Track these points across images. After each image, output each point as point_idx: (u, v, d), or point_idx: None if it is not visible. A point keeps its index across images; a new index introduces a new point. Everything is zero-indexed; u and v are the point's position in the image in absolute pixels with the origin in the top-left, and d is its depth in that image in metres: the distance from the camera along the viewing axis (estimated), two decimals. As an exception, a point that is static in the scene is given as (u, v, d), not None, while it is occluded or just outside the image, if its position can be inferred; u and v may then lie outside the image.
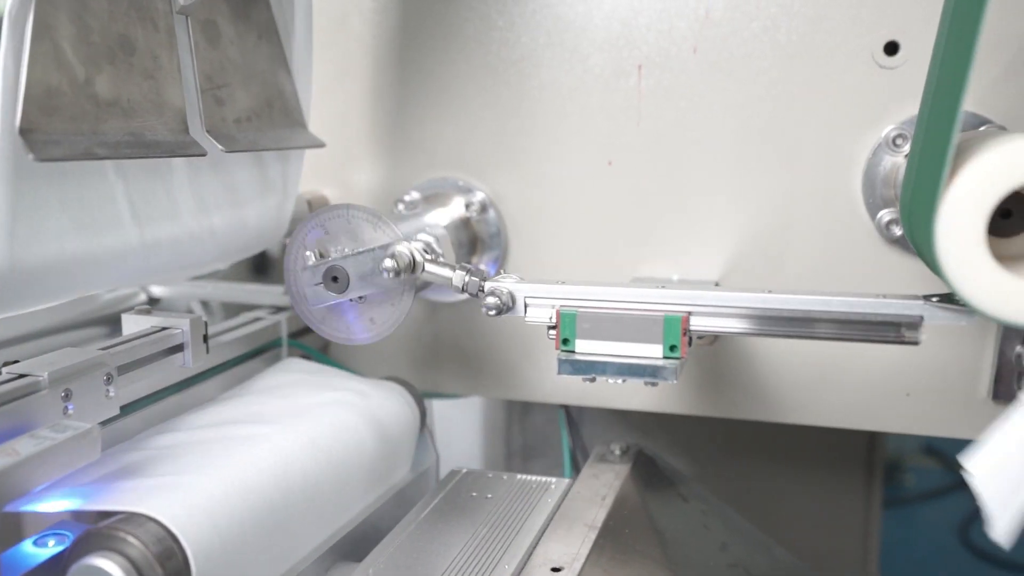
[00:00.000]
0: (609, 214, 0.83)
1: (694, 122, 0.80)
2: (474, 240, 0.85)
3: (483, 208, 0.85)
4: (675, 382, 0.56)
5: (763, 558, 0.78)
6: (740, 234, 0.80)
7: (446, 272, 0.63)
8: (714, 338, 0.81)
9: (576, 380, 0.86)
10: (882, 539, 2.33)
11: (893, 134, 0.74)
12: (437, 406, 1.14)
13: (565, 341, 0.58)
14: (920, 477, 2.53)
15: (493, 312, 0.60)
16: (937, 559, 2.21)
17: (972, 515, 2.37)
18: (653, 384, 0.57)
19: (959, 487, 2.45)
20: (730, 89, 0.78)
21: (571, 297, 0.58)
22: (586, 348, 0.58)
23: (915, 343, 0.55)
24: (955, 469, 2.49)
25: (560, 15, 0.82)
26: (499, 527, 0.68)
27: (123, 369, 0.61)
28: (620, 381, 0.57)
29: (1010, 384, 0.74)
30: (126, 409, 0.68)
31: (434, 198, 0.86)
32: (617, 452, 0.82)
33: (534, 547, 0.64)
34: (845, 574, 1.33)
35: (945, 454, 2.50)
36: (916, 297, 0.55)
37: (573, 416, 0.93)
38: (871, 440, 1.29)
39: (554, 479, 0.77)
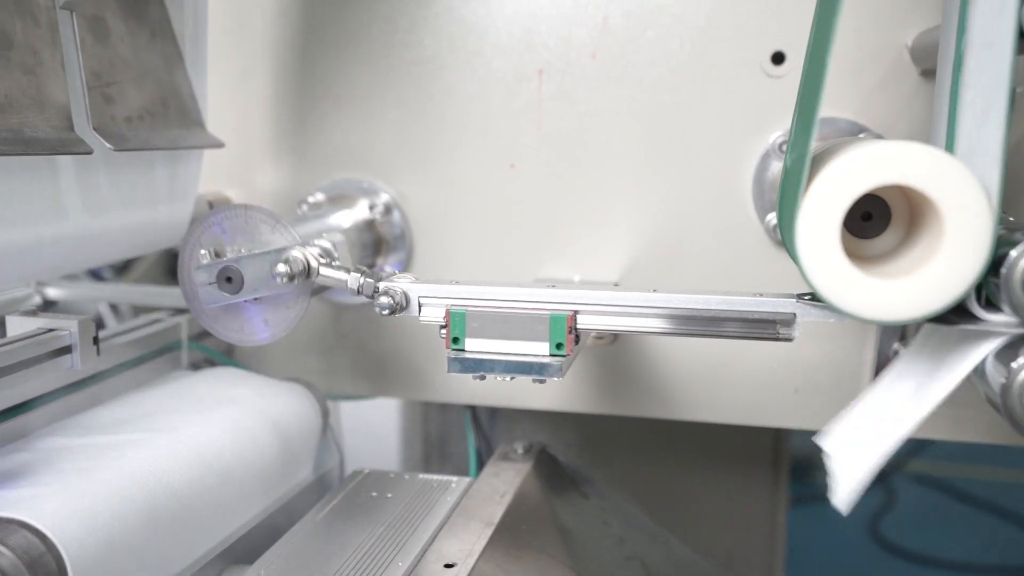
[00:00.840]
0: (512, 216, 0.84)
1: (594, 127, 0.82)
2: (379, 242, 0.85)
3: (387, 210, 0.85)
4: (560, 379, 0.58)
5: (659, 551, 0.80)
6: (639, 236, 0.82)
7: (341, 275, 0.63)
8: (614, 337, 0.83)
9: (483, 380, 0.87)
10: (795, 535, 2.40)
11: (779, 140, 0.77)
12: (354, 407, 1.14)
13: (455, 340, 0.59)
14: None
15: (387, 312, 0.60)
16: (847, 554, 2.29)
17: (881, 510, 2.47)
18: (540, 381, 0.58)
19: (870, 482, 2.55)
20: (628, 95, 0.80)
21: (462, 297, 0.59)
22: (475, 347, 0.59)
23: (789, 339, 0.57)
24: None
25: (463, 19, 0.83)
26: (397, 526, 0.68)
27: (5, 371, 0.60)
28: (508, 378, 0.58)
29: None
30: (16, 410, 0.66)
31: (339, 199, 0.86)
32: (520, 451, 0.83)
33: (429, 545, 0.65)
34: (753, 570, 1.37)
35: (857, 451, 2.57)
36: (790, 296, 0.57)
37: (479, 416, 0.94)
38: (776, 438, 1.34)
39: (455, 478, 0.78)
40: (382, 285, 0.61)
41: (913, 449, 2.49)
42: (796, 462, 2.80)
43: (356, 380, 0.91)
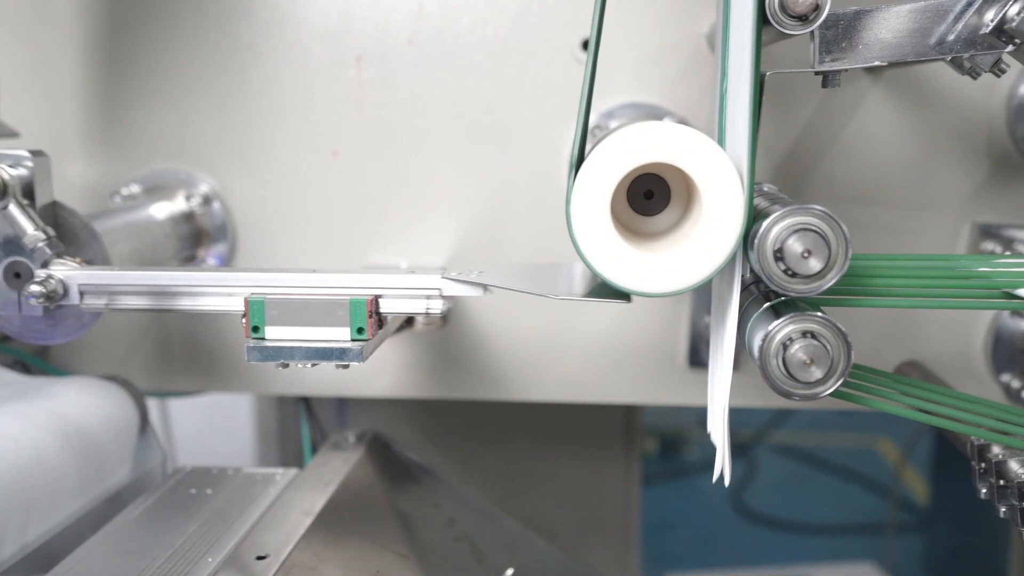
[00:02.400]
0: (337, 204, 0.84)
1: (414, 113, 0.82)
2: (199, 233, 0.83)
3: (207, 200, 0.83)
4: (362, 363, 0.58)
5: (490, 530, 0.81)
6: (463, 221, 0.83)
7: (25, 224, 0.59)
8: (444, 321, 0.84)
9: (318, 370, 0.86)
10: (664, 509, 2.49)
11: (593, 124, 0.79)
12: (205, 402, 1.11)
13: (255, 329, 0.58)
14: (702, 449, 2.73)
15: (40, 300, 0.59)
16: (715, 524, 2.39)
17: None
18: (344, 366, 0.58)
19: (732, 455, 2.67)
20: (446, 81, 0.81)
21: (235, 284, 0.59)
22: (277, 335, 0.58)
23: (439, 313, 0.59)
24: (731, 438, 2.69)
25: (277, 4, 0.81)
26: (213, 523, 0.67)
27: None
28: (310, 365, 0.58)
29: (700, 351, 0.82)
30: None
31: (155, 191, 0.83)
32: (351, 439, 0.83)
33: (244, 539, 0.64)
34: (609, 545, 1.41)
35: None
36: (435, 272, 0.59)
37: (313, 407, 0.93)
38: (628, 416, 1.38)
39: (281, 470, 0.77)
40: (41, 272, 0.59)
41: (772, 421, 2.62)
42: (665, 439, 2.91)
43: (183, 376, 0.89)
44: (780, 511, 2.43)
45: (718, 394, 0.54)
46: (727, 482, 0.53)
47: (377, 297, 0.59)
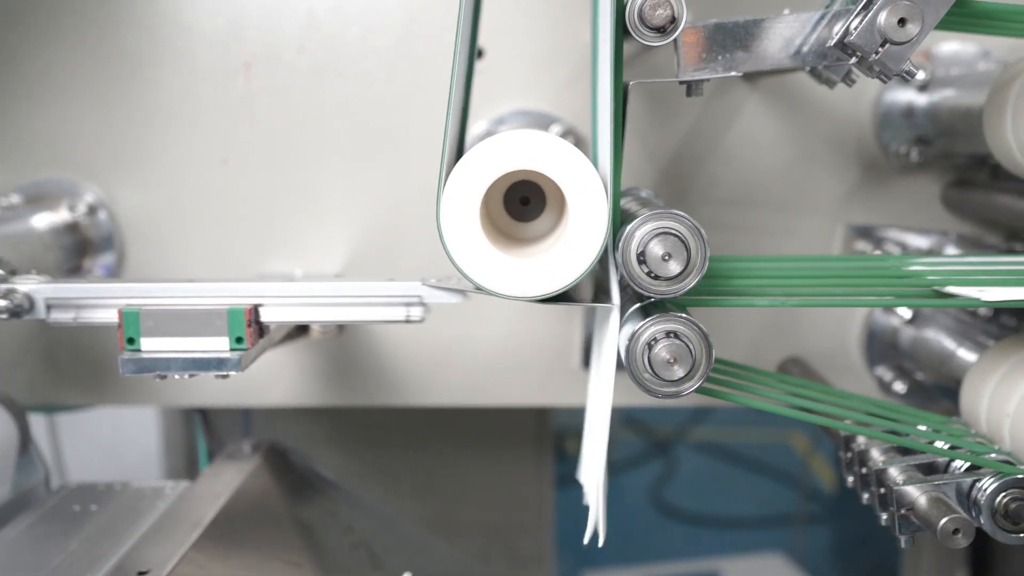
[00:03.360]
0: (229, 212, 0.83)
1: (307, 121, 0.82)
2: (83, 244, 0.81)
3: (92, 211, 0.81)
4: (241, 372, 0.57)
5: (389, 535, 0.82)
6: (358, 228, 0.83)
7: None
8: (341, 329, 0.84)
9: (214, 382, 0.85)
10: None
11: (482, 131, 0.81)
12: (111, 415, 1.08)
13: (130, 341, 0.58)
14: (623, 447, 2.77)
15: (4, 316, 0.58)
16: (636, 522, 2.43)
17: (662, 479, 2.64)
18: (223, 376, 0.58)
19: (653, 454, 2.72)
20: (338, 89, 0.81)
21: (102, 296, 0.58)
22: (153, 346, 0.58)
23: (420, 320, 0.60)
24: (650, 437, 2.74)
25: (163, 10, 0.80)
26: (96, 540, 0.66)
27: None
28: (187, 376, 0.57)
29: (591, 354, 0.84)
30: None
31: (38, 201, 0.81)
32: (247, 449, 0.82)
33: (127, 555, 0.63)
34: (522, 547, 1.43)
35: (643, 423, 2.74)
36: (416, 280, 0.60)
37: (210, 418, 0.92)
38: (539, 418, 1.40)
39: (171, 483, 0.76)
40: (2, 286, 0.58)
41: (691, 418, 2.68)
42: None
43: (79, 389, 0.87)
44: (698, 506, 2.48)
45: (595, 398, 0.56)
46: (601, 541, 0.54)
47: (257, 306, 0.59)
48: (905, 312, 0.79)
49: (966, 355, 0.69)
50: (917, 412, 0.63)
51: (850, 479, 0.64)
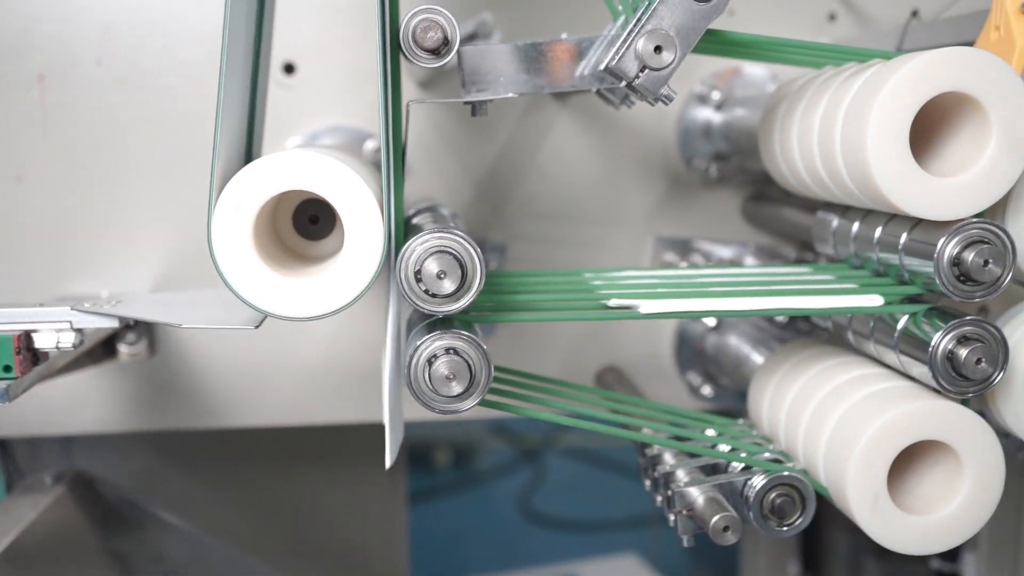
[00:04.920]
0: (24, 231, 0.79)
1: (107, 136, 0.78)
2: None
3: None
4: (8, 403, 0.54)
5: (201, 561, 0.79)
6: (167, 246, 0.81)
7: None
8: (151, 351, 0.81)
9: (10, 408, 0.80)
10: (454, 520, 2.52)
11: (295, 147, 0.80)
12: None
13: None
14: (490, 456, 2.79)
15: None
16: (504, 530, 2.45)
17: (530, 486, 2.67)
18: (-9, 407, 0.55)
19: (522, 461, 2.75)
20: (141, 103, 0.78)
21: None
22: (-91, 377, 0.54)
23: (73, 347, 0.59)
24: (519, 445, 2.76)
25: (-56, 19, 0.75)
26: None
27: None
28: (-52, 409, 0.54)
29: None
30: None
31: None
32: (48, 481, 0.78)
33: None
34: (377, 564, 1.41)
35: (513, 432, 2.77)
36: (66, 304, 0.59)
37: (9, 447, 0.87)
38: (390, 431, 1.39)
39: (-44, 521, 0.71)
40: None
41: (560, 425, 2.73)
42: (457, 450, 2.94)
43: None
44: (566, 512, 2.52)
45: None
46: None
47: (30, 332, 0.56)
48: (709, 319, 0.83)
49: (757, 359, 0.74)
50: (706, 416, 0.66)
51: (647, 483, 0.66)
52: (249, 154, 0.61)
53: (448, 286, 0.50)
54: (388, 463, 0.54)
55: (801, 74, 0.65)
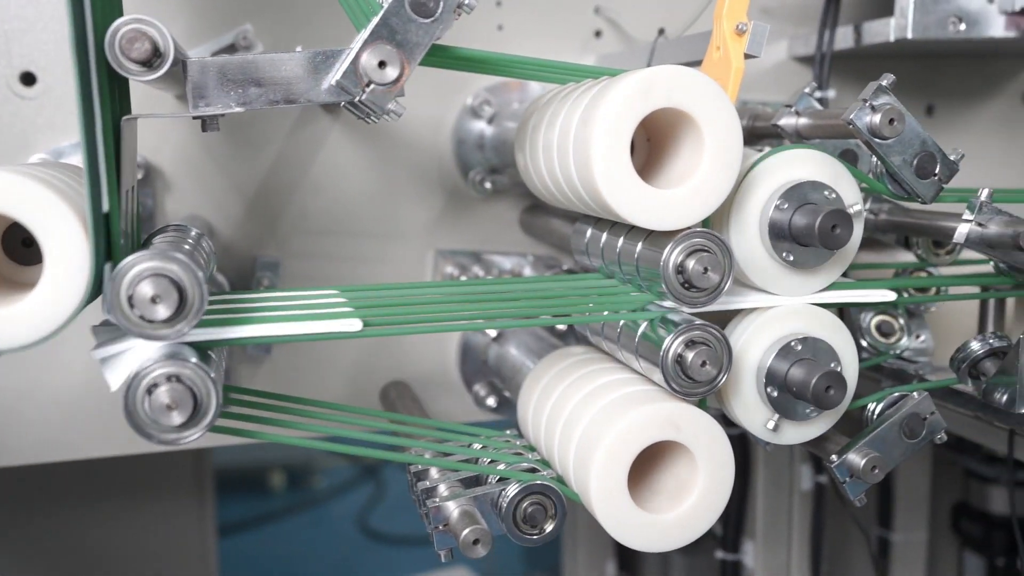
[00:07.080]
0: None
1: None
2: None
3: None
4: None
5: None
6: None
7: None
8: None
9: None
10: (292, 540, 2.44)
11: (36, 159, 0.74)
12: None
13: None
14: (329, 476, 2.72)
15: None
16: (343, 548, 2.40)
17: (369, 504, 2.63)
18: None
19: (362, 479, 2.70)
20: None
21: None
22: None
23: None
24: (359, 462, 2.70)
25: None
26: None
27: None
28: None
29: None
30: None
31: None
32: None
33: None
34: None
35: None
36: None
37: None
38: (196, 460, 1.33)
39: None
40: None
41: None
42: (291, 472, 2.86)
43: None
44: (405, 527, 2.50)
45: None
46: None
47: None
48: (491, 330, 0.84)
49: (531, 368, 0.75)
50: (474, 429, 0.66)
51: (413, 498, 0.66)
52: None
53: (163, 312, 0.47)
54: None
55: (551, 89, 0.67)
